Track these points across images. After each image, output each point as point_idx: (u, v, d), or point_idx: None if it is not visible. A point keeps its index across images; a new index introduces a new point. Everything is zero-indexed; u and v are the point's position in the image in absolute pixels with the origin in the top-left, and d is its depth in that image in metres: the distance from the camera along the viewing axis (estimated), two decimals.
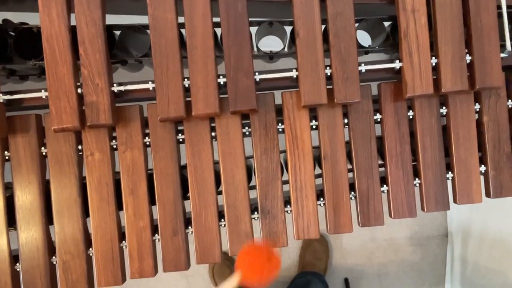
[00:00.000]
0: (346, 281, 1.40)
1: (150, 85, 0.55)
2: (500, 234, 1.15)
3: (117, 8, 0.59)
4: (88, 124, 0.54)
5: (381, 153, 0.59)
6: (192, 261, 0.59)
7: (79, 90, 0.54)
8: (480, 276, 1.26)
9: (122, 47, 0.60)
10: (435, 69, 0.54)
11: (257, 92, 0.56)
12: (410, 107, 0.58)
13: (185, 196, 0.59)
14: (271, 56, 0.63)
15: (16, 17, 0.64)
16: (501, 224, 1.15)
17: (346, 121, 0.58)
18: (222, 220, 0.58)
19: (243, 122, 0.59)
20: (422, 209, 0.58)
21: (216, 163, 0.59)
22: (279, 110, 0.58)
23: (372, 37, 0.66)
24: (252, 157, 0.59)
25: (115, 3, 0.57)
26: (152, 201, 0.58)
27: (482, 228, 1.24)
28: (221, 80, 0.55)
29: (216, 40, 0.59)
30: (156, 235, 0.58)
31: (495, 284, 1.17)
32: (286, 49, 0.65)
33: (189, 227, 0.58)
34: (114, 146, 0.58)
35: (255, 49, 0.65)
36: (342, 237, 1.44)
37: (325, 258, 1.39)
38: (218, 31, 0.56)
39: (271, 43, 0.65)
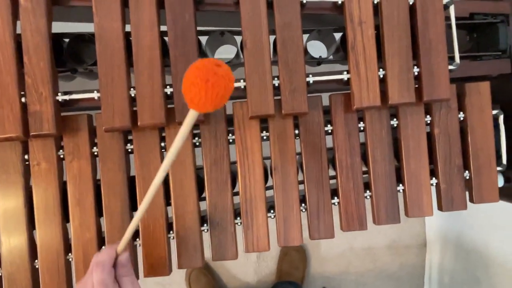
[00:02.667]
0: None
1: (95, 95, 0.54)
2: (474, 244, 1.15)
3: (66, 16, 0.58)
4: (31, 133, 0.53)
5: (334, 165, 0.58)
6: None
7: (23, 99, 0.53)
8: (457, 285, 1.26)
9: (72, 56, 0.59)
10: (383, 81, 0.54)
11: None
12: (361, 119, 0.57)
13: (134, 208, 0.58)
14: None
15: None
16: (476, 235, 1.15)
17: (297, 132, 0.57)
18: (171, 232, 0.57)
19: (194, 132, 0.58)
20: (374, 222, 0.57)
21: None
22: (231, 121, 0.58)
23: (326, 48, 0.65)
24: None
25: (63, 10, 0.56)
26: (99, 212, 0.57)
27: (459, 239, 1.24)
28: (169, 90, 0.54)
29: (166, 49, 0.58)
30: (103, 247, 0.57)
31: None
32: (242, 59, 0.64)
33: (137, 239, 0.57)
34: (62, 156, 0.57)
35: None
36: (320, 246, 1.43)
37: (302, 267, 1.38)
38: None
39: (228, 53, 0.65)
